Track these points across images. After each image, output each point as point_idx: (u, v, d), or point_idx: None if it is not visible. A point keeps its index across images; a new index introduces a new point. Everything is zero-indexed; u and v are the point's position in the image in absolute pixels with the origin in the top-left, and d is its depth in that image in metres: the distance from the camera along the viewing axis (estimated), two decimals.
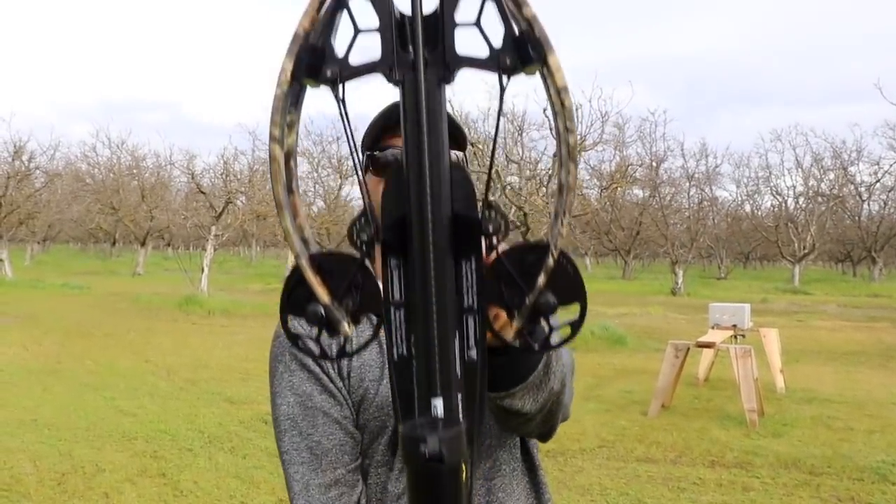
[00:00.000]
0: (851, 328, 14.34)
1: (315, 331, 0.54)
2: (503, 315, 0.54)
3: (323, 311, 0.52)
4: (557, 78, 0.49)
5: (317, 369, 1.11)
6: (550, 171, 16.51)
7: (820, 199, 31.52)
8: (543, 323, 0.54)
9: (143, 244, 29.15)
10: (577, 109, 16.81)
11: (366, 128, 1.19)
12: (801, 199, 32.57)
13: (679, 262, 24.06)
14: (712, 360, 7.94)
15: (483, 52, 0.50)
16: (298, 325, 0.54)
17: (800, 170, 33.19)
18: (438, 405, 0.51)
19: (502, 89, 0.50)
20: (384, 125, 1.11)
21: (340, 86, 0.51)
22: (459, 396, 0.53)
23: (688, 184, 28.13)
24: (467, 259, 0.53)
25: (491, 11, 0.49)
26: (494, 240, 0.53)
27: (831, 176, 32.68)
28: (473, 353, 0.54)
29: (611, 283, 27.66)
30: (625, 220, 27.86)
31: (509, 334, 0.55)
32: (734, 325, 7.46)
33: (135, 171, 30.52)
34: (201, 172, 24.00)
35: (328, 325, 0.53)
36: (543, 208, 14.62)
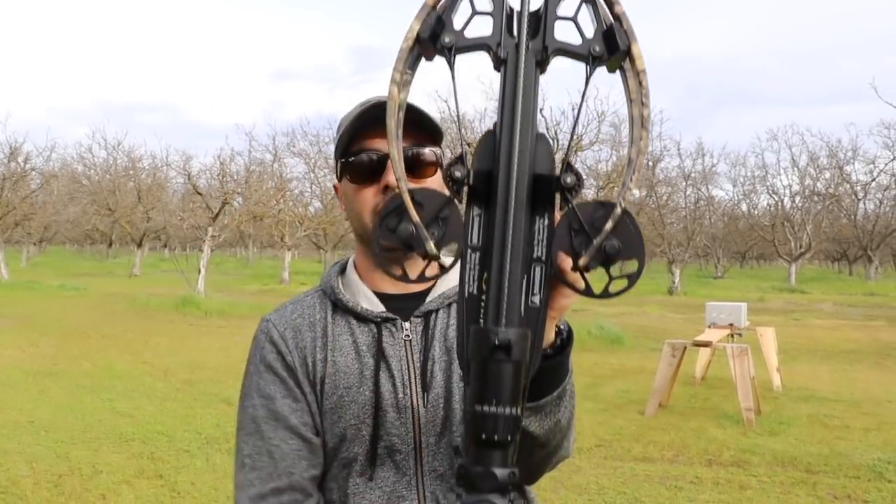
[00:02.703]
0: (848, 327, 14.37)
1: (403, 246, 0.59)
2: (568, 268, 0.60)
3: (413, 230, 0.58)
4: (638, 63, 0.58)
5: (284, 373, 1.10)
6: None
7: (816, 198, 31.59)
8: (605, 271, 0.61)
9: (139, 245, 29.10)
10: (571, 109, 16.85)
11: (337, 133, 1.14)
12: (798, 199, 32.67)
13: (675, 261, 24.10)
14: (709, 359, 7.95)
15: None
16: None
17: (796, 169, 33.31)
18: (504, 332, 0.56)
19: (588, 76, 0.58)
20: (357, 127, 1.08)
21: (453, 56, 0.58)
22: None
23: (684, 183, 28.22)
24: (541, 216, 0.60)
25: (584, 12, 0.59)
26: (569, 195, 0.59)
27: (827, 175, 32.81)
28: (537, 298, 0.60)
29: None
30: None
31: (574, 280, 0.61)
32: (731, 324, 7.47)
33: (131, 172, 30.50)
34: (198, 173, 24.03)
35: (416, 242, 0.59)
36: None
